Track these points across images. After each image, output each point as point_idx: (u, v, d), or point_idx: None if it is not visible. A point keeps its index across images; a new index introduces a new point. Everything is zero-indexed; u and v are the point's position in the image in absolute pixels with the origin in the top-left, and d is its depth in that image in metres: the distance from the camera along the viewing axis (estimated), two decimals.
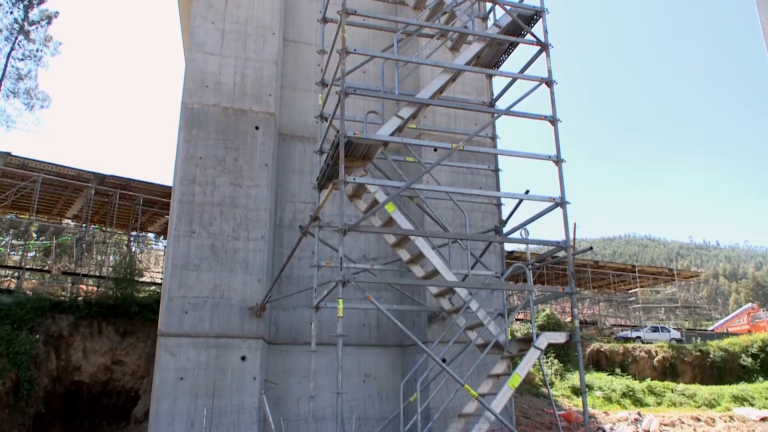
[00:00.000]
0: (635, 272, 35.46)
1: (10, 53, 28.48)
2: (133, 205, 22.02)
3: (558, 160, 8.86)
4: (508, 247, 29.16)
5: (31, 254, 25.46)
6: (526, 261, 9.76)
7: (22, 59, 29.55)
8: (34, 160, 19.45)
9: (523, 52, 10.00)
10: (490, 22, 10.96)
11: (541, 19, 9.63)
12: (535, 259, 11.53)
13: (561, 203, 8.67)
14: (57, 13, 29.94)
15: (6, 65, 28.49)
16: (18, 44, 28.86)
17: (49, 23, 29.70)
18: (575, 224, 28.75)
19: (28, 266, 21.57)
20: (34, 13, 29.10)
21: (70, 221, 26.92)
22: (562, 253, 9.16)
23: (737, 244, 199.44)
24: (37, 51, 29.83)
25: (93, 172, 20.31)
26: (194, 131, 12.21)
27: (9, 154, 18.76)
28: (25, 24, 28.66)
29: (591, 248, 10.69)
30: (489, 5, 11.25)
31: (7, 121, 30.21)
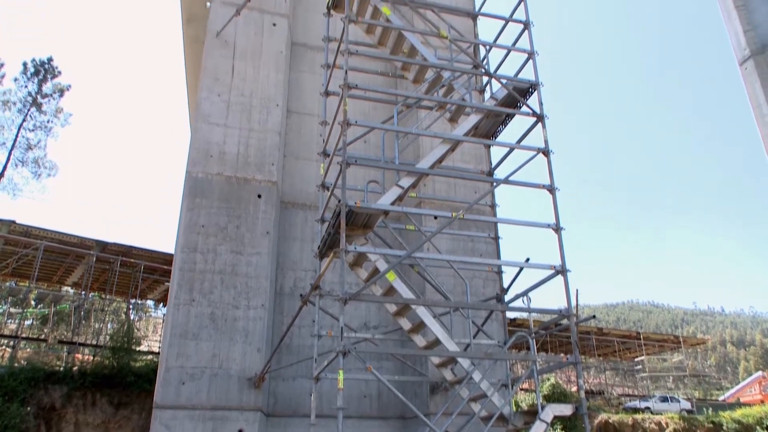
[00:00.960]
0: (640, 339, 34.85)
1: (21, 124, 29.31)
2: (134, 272, 22.01)
3: (557, 228, 8.92)
4: (511, 314, 28.83)
5: (28, 322, 25.19)
6: (529, 329, 9.65)
7: (32, 130, 30.37)
8: (37, 227, 19.64)
9: (520, 121, 10.29)
10: (488, 94, 11.34)
11: (536, 91, 9.97)
12: (537, 327, 11.39)
13: (562, 271, 8.65)
14: (69, 86, 31.04)
15: (17, 136, 29.25)
16: (30, 116, 29.75)
17: (61, 96, 30.74)
18: (577, 291, 28.56)
19: (24, 335, 21.28)
20: (47, 87, 30.16)
21: (69, 288, 26.80)
22: (564, 321, 9.06)
23: (742, 310, 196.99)
24: (47, 122, 30.72)
25: (95, 240, 20.44)
26: (197, 199, 12.37)
27: (14, 222, 18.94)
28: (38, 97, 29.64)
29: (594, 317, 10.58)
30: (486, 78, 11.68)
31: (13, 189, 30.67)
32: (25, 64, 29.47)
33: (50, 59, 30.05)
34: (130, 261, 21.25)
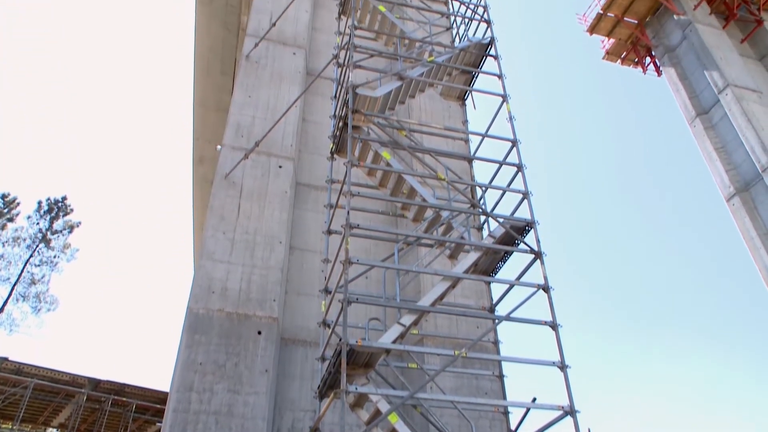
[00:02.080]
0: None
1: (28, 260, 29.76)
2: (125, 411, 21.09)
3: (562, 366, 8.75)
4: None
5: None
6: None
7: (38, 265, 30.77)
8: (29, 365, 19.16)
9: (520, 256, 10.50)
10: (486, 232, 11.68)
11: (532, 229, 10.29)
12: None
13: (570, 411, 8.35)
14: (79, 223, 31.97)
15: (22, 271, 29.57)
16: (37, 251, 30.31)
17: (70, 232, 31.56)
18: (589, 430, 26.93)
19: None
20: (58, 224, 31.06)
21: (55, 430, 25.50)
22: None
23: None
24: (54, 257, 31.21)
25: (88, 377, 19.86)
26: (197, 336, 12.22)
27: (6, 359, 18.55)
28: (48, 233, 30.43)
29: None
30: (484, 217, 12.10)
31: (11, 325, 30.35)
32: (39, 203, 30.67)
33: (64, 198, 31.33)
34: (122, 400, 20.46)
